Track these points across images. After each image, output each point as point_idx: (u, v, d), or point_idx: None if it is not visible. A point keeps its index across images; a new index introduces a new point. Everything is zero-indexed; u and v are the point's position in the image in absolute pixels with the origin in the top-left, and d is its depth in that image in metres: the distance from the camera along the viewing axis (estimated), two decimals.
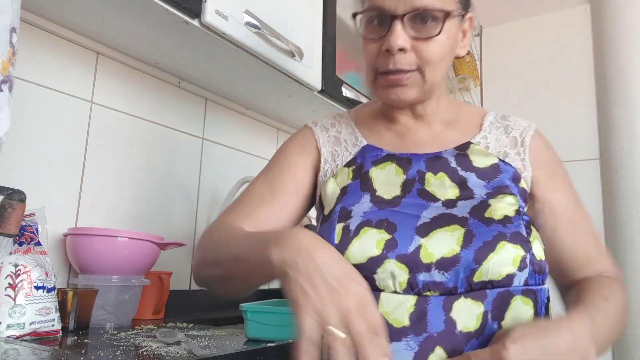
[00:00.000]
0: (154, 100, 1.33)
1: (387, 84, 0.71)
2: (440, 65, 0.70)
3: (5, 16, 0.62)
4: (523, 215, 0.67)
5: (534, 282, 0.64)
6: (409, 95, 0.71)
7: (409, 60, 0.68)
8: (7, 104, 0.63)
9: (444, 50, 0.69)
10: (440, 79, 0.72)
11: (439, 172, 0.71)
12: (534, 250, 0.64)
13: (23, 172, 1.03)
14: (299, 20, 1.31)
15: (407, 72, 0.69)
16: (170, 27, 1.06)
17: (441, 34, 0.67)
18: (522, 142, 0.75)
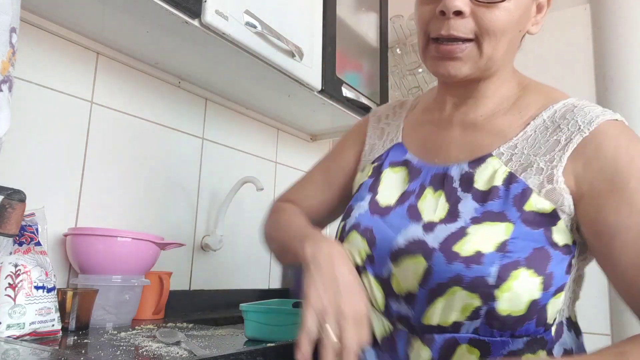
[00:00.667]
0: (154, 100, 1.33)
1: (437, 55, 0.63)
2: (502, 39, 0.61)
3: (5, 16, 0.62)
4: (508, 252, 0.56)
5: (489, 334, 0.57)
6: (461, 71, 0.63)
7: (465, 27, 0.60)
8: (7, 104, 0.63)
9: (509, 21, 0.60)
10: (500, 56, 0.63)
11: (439, 189, 0.65)
12: (499, 303, 0.55)
13: (23, 172, 1.03)
14: (299, 20, 1.31)
15: (463, 41, 0.61)
16: (170, 27, 1.06)
17: (507, 1, 0.59)
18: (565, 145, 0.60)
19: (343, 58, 1.52)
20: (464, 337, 0.58)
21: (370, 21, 1.72)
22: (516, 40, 0.65)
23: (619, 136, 0.58)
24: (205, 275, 1.44)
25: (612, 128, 0.59)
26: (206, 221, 1.46)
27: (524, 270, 0.55)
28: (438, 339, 0.59)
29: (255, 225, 1.65)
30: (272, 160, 1.75)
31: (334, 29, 1.45)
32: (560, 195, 0.58)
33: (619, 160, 0.57)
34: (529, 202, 0.59)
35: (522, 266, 0.55)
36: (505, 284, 0.55)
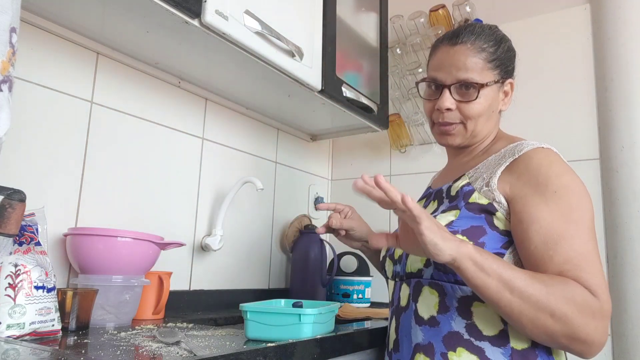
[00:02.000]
0: (154, 100, 1.33)
1: (440, 132, 0.98)
2: (480, 120, 0.94)
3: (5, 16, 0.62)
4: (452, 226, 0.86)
5: (440, 278, 0.86)
6: (455, 142, 0.98)
7: (454, 116, 0.95)
8: (7, 104, 0.63)
9: (482, 109, 0.93)
10: (480, 130, 0.96)
11: (435, 200, 0.99)
12: None
13: (23, 172, 1.03)
14: (299, 20, 1.31)
15: (453, 124, 0.95)
16: (170, 27, 1.06)
17: (478, 98, 0.92)
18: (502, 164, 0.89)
19: (343, 58, 1.52)
20: (426, 281, 0.89)
21: (370, 21, 1.72)
22: (492, 117, 0.97)
23: (542, 157, 0.86)
24: (205, 275, 1.44)
25: (538, 153, 0.87)
26: (206, 221, 1.46)
27: (459, 236, 0.85)
28: (412, 282, 0.91)
29: (255, 225, 1.65)
30: (272, 160, 1.75)
31: (334, 29, 1.45)
32: (492, 194, 0.86)
33: (541, 173, 0.84)
34: (472, 197, 0.89)
35: (459, 233, 0.85)
36: None
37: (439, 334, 0.84)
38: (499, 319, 0.82)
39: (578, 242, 0.78)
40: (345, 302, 1.62)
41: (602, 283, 0.75)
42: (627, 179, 1.43)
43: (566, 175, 0.84)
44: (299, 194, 1.88)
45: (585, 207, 0.82)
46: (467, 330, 0.82)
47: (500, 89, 0.96)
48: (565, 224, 0.79)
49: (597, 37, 1.57)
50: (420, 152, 1.85)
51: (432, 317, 0.86)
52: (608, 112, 1.50)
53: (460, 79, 0.92)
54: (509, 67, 0.97)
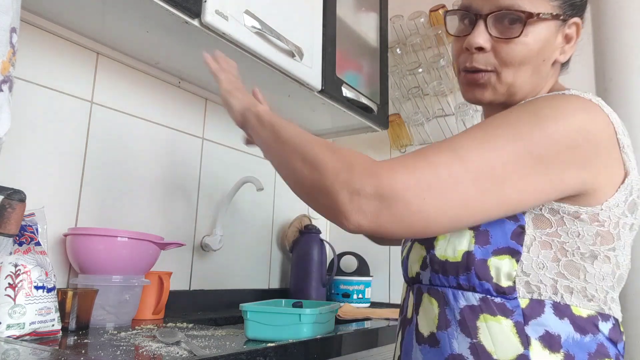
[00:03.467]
0: (154, 100, 1.33)
1: (466, 82, 0.73)
2: (521, 69, 0.69)
3: (6, 16, 0.62)
4: None
5: (440, 283, 0.66)
6: (484, 97, 0.72)
7: (486, 60, 0.69)
8: (7, 104, 0.63)
9: (527, 53, 0.68)
10: (522, 84, 0.70)
11: None
12: (436, 249, 0.66)
13: (23, 172, 1.03)
14: (299, 20, 1.31)
15: (483, 71, 0.70)
16: (170, 27, 1.06)
17: (523, 35, 0.67)
18: None
19: (343, 58, 1.52)
20: (425, 287, 0.69)
21: (370, 21, 1.72)
22: (543, 68, 0.71)
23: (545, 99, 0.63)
24: (205, 275, 1.44)
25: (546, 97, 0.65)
26: (206, 221, 1.46)
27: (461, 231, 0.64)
28: (415, 288, 0.72)
29: (255, 225, 1.65)
30: None
31: (334, 29, 1.44)
32: None
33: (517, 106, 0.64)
34: None
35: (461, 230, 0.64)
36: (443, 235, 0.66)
37: (439, 358, 0.65)
38: (517, 340, 0.60)
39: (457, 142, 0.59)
40: (345, 302, 1.62)
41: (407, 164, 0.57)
42: None
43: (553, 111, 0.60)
44: None
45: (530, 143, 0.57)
46: (472, 353, 0.62)
47: (560, 28, 0.70)
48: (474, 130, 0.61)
49: (597, 37, 1.57)
50: None
51: (431, 334, 0.67)
52: None
53: (502, 6, 0.67)
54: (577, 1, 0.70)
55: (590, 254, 0.62)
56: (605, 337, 0.64)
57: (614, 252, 0.64)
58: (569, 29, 0.71)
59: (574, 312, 0.62)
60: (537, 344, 0.60)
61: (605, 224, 0.63)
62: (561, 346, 0.60)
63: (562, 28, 0.70)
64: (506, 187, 0.57)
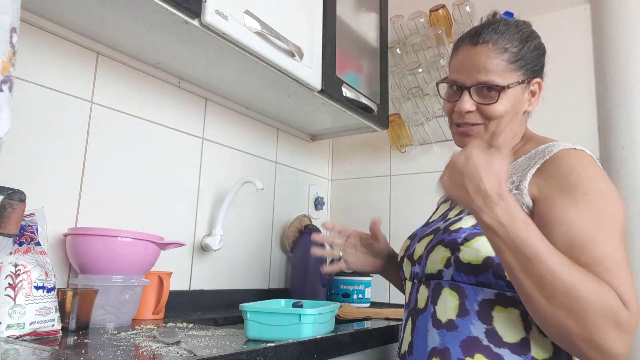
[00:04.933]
0: (154, 100, 1.33)
1: (458, 133, 0.94)
2: (502, 121, 0.89)
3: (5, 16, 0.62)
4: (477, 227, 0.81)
5: (461, 280, 0.81)
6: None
7: (474, 118, 0.90)
8: (7, 104, 0.62)
9: (504, 110, 0.88)
10: (502, 130, 0.90)
11: None
12: (462, 253, 0.80)
13: (23, 172, 1.03)
14: (299, 20, 1.31)
15: (473, 125, 0.90)
16: (170, 27, 1.06)
17: (500, 100, 0.87)
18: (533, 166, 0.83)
19: (343, 58, 1.52)
20: (446, 282, 0.83)
21: (370, 21, 1.72)
22: (516, 118, 0.91)
23: (575, 159, 0.81)
24: (205, 275, 1.44)
25: (570, 154, 0.82)
26: (206, 221, 1.46)
27: (483, 238, 0.78)
28: (432, 283, 0.86)
29: (255, 225, 1.65)
30: (272, 160, 1.75)
31: (334, 29, 1.45)
32: (523, 198, 0.80)
33: (572, 174, 0.79)
34: None
35: (483, 236, 0.78)
36: (469, 242, 0.80)
37: (456, 339, 0.78)
38: (522, 326, 0.76)
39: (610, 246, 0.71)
40: (345, 302, 1.62)
41: (634, 294, 0.68)
42: (627, 179, 1.43)
43: (599, 179, 0.79)
44: (299, 194, 1.87)
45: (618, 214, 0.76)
46: (487, 336, 0.77)
47: (525, 89, 0.91)
48: (596, 227, 0.73)
49: (597, 37, 1.57)
50: (420, 152, 1.85)
51: (450, 320, 0.80)
52: (608, 112, 1.50)
53: (481, 81, 0.88)
54: (535, 67, 0.91)
55: None
56: None
57: None
58: (532, 86, 0.92)
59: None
60: (535, 329, 0.76)
61: None
62: None
63: (527, 87, 0.91)
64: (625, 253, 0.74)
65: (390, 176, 1.90)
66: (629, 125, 1.45)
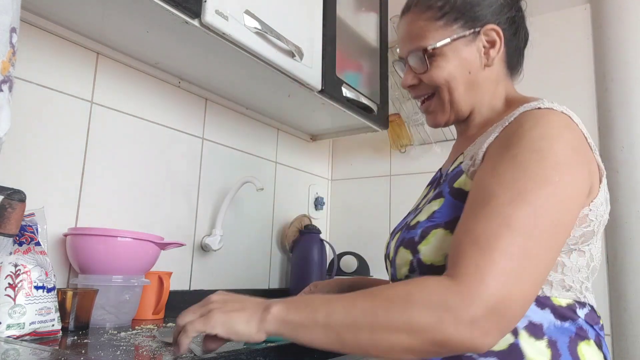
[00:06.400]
0: (154, 100, 1.33)
1: (423, 111, 0.86)
2: (451, 86, 0.78)
3: (5, 16, 0.62)
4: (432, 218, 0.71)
5: None
6: (437, 120, 0.84)
7: (422, 90, 0.82)
8: (7, 104, 0.62)
9: (446, 75, 0.77)
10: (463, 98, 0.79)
11: (434, 189, 0.83)
12: (422, 254, 0.70)
13: (23, 172, 1.03)
14: (299, 20, 1.31)
15: (426, 98, 0.83)
16: (170, 27, 1.06)
17: (434, 65, 0.77)
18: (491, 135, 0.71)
19: (343, 58, 1.52)
20: None
21: (370, 21, 1.72)
22: (474, 79, 0.79)
23: (530, 118, 0.66)
24: (205, 275, 1.44)
25: (528, 115, 0.68)
26: (206, 221, 1.46)
27: (441, 230, 0.69)
28: None
29: (255, 225, 1.65)
30: (272, 160, 1.75)
31: (334, 29, 1.44)
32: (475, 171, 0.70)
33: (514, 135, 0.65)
34: (458, 180, 0.73)
35: (441, 227, 0.69)
36: (426, 239, 0.70)
37: None
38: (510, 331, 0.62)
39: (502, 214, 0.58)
40: None
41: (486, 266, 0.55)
42: (627, 179, 1.43)
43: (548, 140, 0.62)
44: (299, 194, 1.87)
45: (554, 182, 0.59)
46: None
47: (472, 42, 0.77)
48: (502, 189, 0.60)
49: (597, 37, 1.57)
50: (420, 152, 1.85)
51: None
52: (608, 112, 1.50)
53: (410, 50, 0.79)
54: (476, 13, 0.77)
55: (568, 250, 0.68)
56: (584, 320, 0.68)
57: (588, 246, 0.70)
58: (485, 36, 0.78)
59: (554, 302, 0.67)
60: (524, 333, 0.65)
61: (592, 224, 0.68)
62: (544, 333, 0.65)
63: (476, 39, 0.78)
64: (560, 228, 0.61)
65: (390, 176, 1.90)
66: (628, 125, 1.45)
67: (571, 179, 0.62)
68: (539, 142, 0.62)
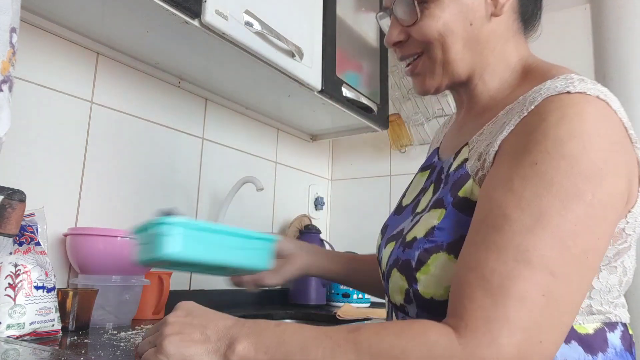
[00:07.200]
0: (154, 100, 1.33)
1: (409, 75, 0.69)
2: (447, 41, 0.61)
3: (5, 16, 0.62)
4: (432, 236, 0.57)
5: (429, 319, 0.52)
6: (426, 85, 0.66)
7: (411, 47, 0.65)
8: (7, 104, 0.62)
9: (441, 26, 0.61)
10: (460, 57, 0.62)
11: (433, 184, 0.67)
12: (420, 284, 0.56)
13: (23, 172, 1.03)
14: (299, 20, 1.31)
15: (415, 59, 0.66)
16: (170, 27, 1.06)
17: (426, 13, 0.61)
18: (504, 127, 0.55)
19: (343, 58, 1.52)
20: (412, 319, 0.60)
21: (370, 21, 1.72)
22: (476, 33, 0.62)
23: (555, 111, 0.51)
24: (206, 275, 1.44)
25: (553, 103, 0.52)
26: (206, 221, 1.46)
27: (443, 255, 0.55)
28: (400, 315, 0.64)
29: (255, 225, 1.65)
30: (272, 160, 1.75)
31: (334, 29, 1.44)
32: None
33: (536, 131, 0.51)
34: (464, 187, 0.57)
35: (442, 250, 0.55)
36: (425, 267, 0.56)
37: None
38: None
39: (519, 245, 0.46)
40: (345, 302, 1.61)
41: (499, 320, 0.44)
42: None
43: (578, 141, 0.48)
44: (299, 194, 1.87)
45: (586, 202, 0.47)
46: None
47: None
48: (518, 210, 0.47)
49: (597, 37, 1.57)
50: (420, 152, 1.85)
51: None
52: None
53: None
54: None
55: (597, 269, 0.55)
56: (616, 350, 0.56)
57: (621, 259, 0.57)
58: None
59: (579, 331, 0.54)
60: None
61: (628, 238, 0.55)
62: None
63: None
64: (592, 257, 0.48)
65: (390, 176, 1.90)
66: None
67: (608, 193, 0.49)
68: (568, 144, 0.48)
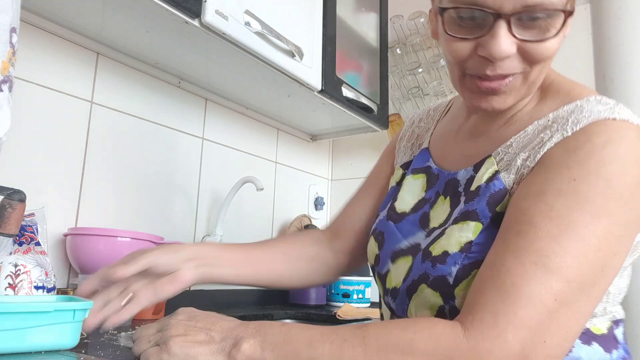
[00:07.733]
0: (154, 100, 1.33)
1: (478, 89, 0.59)
2: (546, 66, 0.60)
3: (5, 16, 0.62)
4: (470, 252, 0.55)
5: None
6: (505, 104, 0.59)
7: (513, 65, 0.56)
8: (7, 104, 0.62)
9: (554, 50, 0.58)
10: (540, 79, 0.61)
11: (448, 196, 0.64)
12: (457, 300, 0.55)
13: (23, 172, 1.03)
14: (299, 20, 1.31)
15: (508, 76, 0.57)
16: (170, 27, 1.06)
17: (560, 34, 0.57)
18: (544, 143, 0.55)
19: (343, 58, 1.52)
20: None
21: (370, 21, 1.72)
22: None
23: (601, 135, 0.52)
24: None
25: (599, 127, 0.53)
26: (206, 221, 1.46)
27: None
28: None
29: (255, 225, 1.65)
30: (272, 160, 1.75)
31: (334, 29, 1.44)
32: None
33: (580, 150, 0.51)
34: (503, 203, 0.56)
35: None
36: (464, 282, 0.54)
37: None
38: None
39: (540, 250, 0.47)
40: (345, 302, 1.61)
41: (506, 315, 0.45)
42: None
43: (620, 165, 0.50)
44: (299, 194, 1.87)
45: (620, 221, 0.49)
46: None
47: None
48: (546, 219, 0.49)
49: (597, 37, 1.57)
50: None
51: None
52: None
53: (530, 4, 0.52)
54: None
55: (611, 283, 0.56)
56: (624, 346, 0.60)
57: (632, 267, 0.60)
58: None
59: (596, 332, 0.57)
60: None
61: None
62: None
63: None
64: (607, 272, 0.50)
65: None
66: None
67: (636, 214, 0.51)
68: (609, 166, 0.50)
